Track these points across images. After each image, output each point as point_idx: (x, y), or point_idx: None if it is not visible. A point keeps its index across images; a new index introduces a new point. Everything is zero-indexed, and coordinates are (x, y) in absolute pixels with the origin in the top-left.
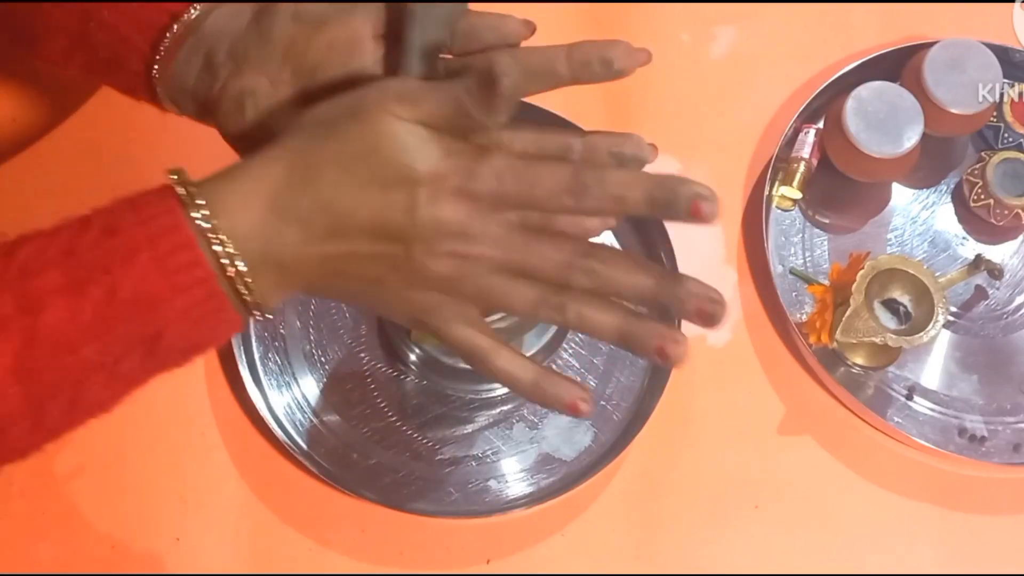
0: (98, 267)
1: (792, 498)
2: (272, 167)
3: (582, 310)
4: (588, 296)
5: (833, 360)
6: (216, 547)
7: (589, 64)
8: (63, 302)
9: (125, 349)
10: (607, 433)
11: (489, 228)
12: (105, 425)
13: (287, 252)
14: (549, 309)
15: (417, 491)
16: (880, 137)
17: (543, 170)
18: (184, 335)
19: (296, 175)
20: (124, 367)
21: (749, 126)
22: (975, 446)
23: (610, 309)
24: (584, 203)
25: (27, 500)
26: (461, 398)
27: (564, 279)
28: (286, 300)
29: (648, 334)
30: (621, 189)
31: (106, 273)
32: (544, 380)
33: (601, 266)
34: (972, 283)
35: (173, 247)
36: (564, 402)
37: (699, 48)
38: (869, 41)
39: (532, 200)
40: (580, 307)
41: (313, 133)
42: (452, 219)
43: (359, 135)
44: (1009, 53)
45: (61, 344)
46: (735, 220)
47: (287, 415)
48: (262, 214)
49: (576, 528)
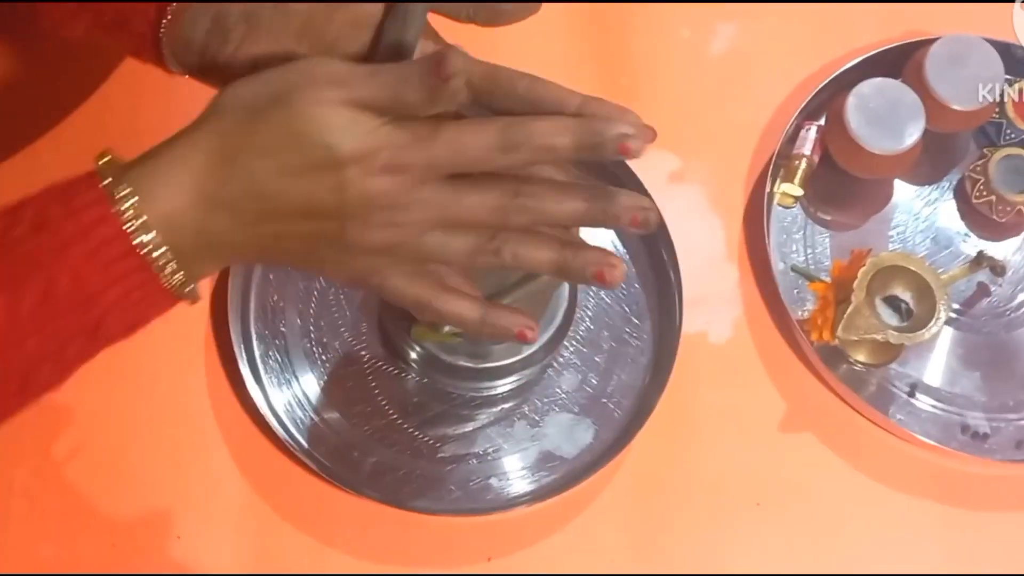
0: (32, 263)
1: (794, 496)
2: (197, 151)
3: (516, 249)
4: (522, 235)
5: (835, 357)
6: (217, 545)
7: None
8: (1, 300)
9: (67, 338)
10: (608, 431)
11: (420, 194)
12: (105, 424)
13: (218, 237)
14: (485, 255)
15: (418, 489)
16: (882, 133)
17: (469, 132)
18: (122, 319)
19: (223, 160)
20: (69, 353)
21: (750, 123)
22: (977, 443)
23: (544, 244)
24: (515, 158)
25: (28, 499)
26: (462, 396)
27: (499, 221)
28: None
29: (584, 261)
30: (549, 138)
31: (40, 269)
32: (490, 315)
33: (532, 201)
34: (974, 280)
35: (104, 239)
36: (512, 333)
37: (700, 45)
38: (870, 37)
39: (463, 163)
40: (514, 247)
41: (236, 116)
42: (382, 193)
43: (284, 120)
44: (1011, 49)
45: (4, 340)
46: (736, 217)
47: (288, 413)
48: (190, 201)
49: (577, 526)
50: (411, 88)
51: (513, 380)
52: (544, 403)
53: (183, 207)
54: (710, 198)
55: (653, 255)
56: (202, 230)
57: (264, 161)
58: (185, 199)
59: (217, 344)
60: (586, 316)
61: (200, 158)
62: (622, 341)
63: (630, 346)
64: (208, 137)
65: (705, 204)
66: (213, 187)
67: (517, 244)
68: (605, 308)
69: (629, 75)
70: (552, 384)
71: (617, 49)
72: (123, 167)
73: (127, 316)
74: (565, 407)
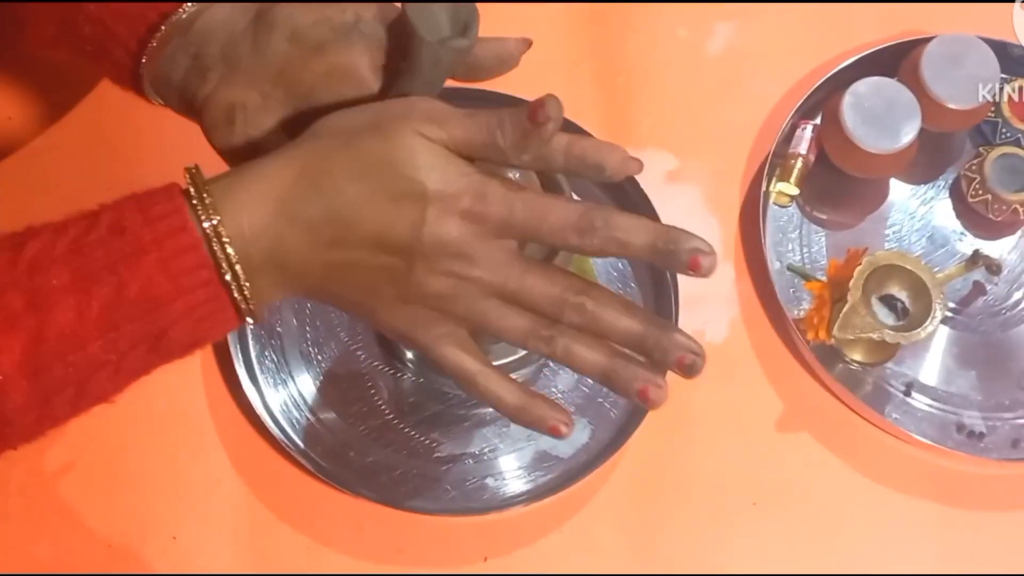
0: (105, 266)
1: (790, 495)
2: (285, 170)
3: (570, 345)
4: (576, 332)
5: (831, 356)
6: (213, 546)
7: (584, 160)
8: (71, 300)
9: (130, 346)
10: (604, 430)
11: (491, 253)
12: (102, 424)
13: (291, 257)
14: (538, 340)
15: (414, 489)
16: (877, 133)
17: (553, 204)
18: (187, 332)
19: (308, 180)
20: (129, 362)
21: (746, 122)
22: (973, 442)
23: (597, 347)
24: (588, 242)
25: (24, 499)
26: (458, 396)
27: (556, 313)
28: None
29: (631, 376)
30: (626, 234)
31: (113, 273)
32: (529, 404)
33: (593, 305)
34: (970, 279)
35: (179, 249)
36: (547, 425)
37: (696, 44)
38: (866, 36)
39: (538, 232)
40: (568, 342)
41: (332, 140)
42: (456, 239)
43: (378, 147)
44: (1007, 48)
45: (68, 341)
46: (732, 217)
47: (284, 413)
48: (269, 217)
49: (574, 525)
50: (506, 130)
51: None
52: None
53: (261, 220)
54: (706, 197)
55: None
56: (276, 248)
57: (350, 185)
58: (264, 213)
59: (213, 344)
60: None
61: (286, 175)
62: None
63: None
64: (299, 156)
65: (701, 203)
66: (294, 204)
67: (572, 340)
68: None
69: (626, 74)
70: (548, 384)
71: (614, 49)
72: (207, 180)
73: (191, 331)
74: None
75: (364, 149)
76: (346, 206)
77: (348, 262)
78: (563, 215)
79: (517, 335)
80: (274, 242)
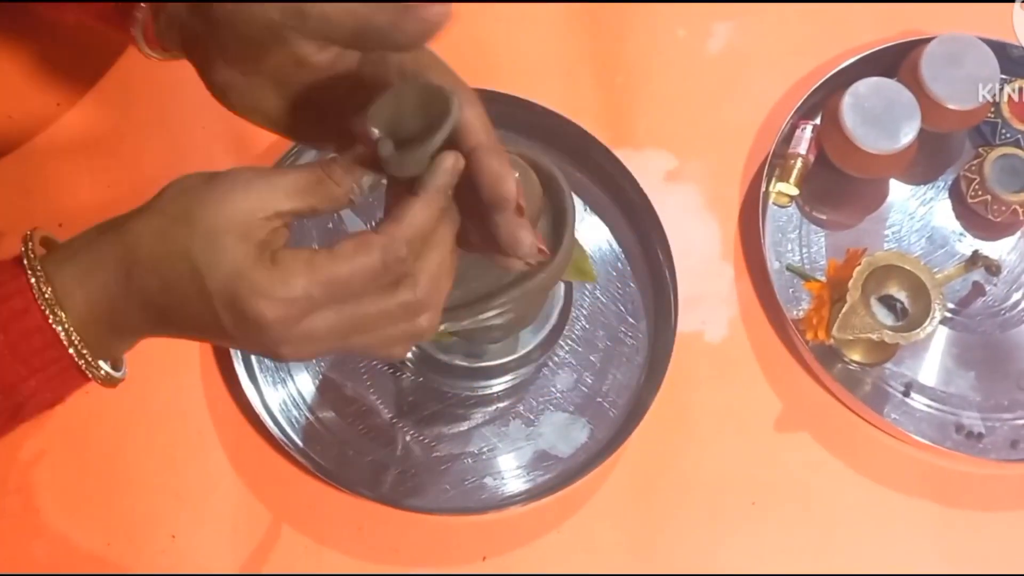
0: None
1: (789, 495)
2: (116, 246)
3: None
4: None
5: (830, 357)
6: (212, 545)
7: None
8: None
9: None
10: (603, 430)
11: (327, 322)
12: (101, 423)
13: (131, 329)
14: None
15: (413, 488)
16: (877, 133)
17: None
18: (44, 399)
19: (138, 268)
20: None
21: (746, 122)
22: (972, 442)
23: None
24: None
25: (22, 498)
26: (457, 395)
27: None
28: None
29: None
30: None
31: None
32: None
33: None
34: (969, 279)
35: (26, 331)
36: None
37: (696, 44)
38: (866, 37)
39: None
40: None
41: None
42: (311, 330)
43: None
44: (1007, 49)
45: None
46: (732, 216)
47: (283, 412)
48: (102, 290)
49: (572, 525)
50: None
51: (508, 379)
52: (539, 402)
53: (96, 295)
54: (706, 197)
55: (649, 254)
56: (115, 323)
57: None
58: (97, 286)
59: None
60: (581, 315)
61: (117, 252)
62: (617, 340)
63: (625, 345)
64: (131, 238)
65: (701, 203)
66: (126, 289)
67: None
68: (601, 307)
69: (625, 74)
70: (547, 383)
71: (613, 49)
72: (44, 258)
73: (50, 397)
74: (560, 406)
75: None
76: (181, 304)
77: (190, 335)
78: (364, 267)
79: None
80: (113, 320)
